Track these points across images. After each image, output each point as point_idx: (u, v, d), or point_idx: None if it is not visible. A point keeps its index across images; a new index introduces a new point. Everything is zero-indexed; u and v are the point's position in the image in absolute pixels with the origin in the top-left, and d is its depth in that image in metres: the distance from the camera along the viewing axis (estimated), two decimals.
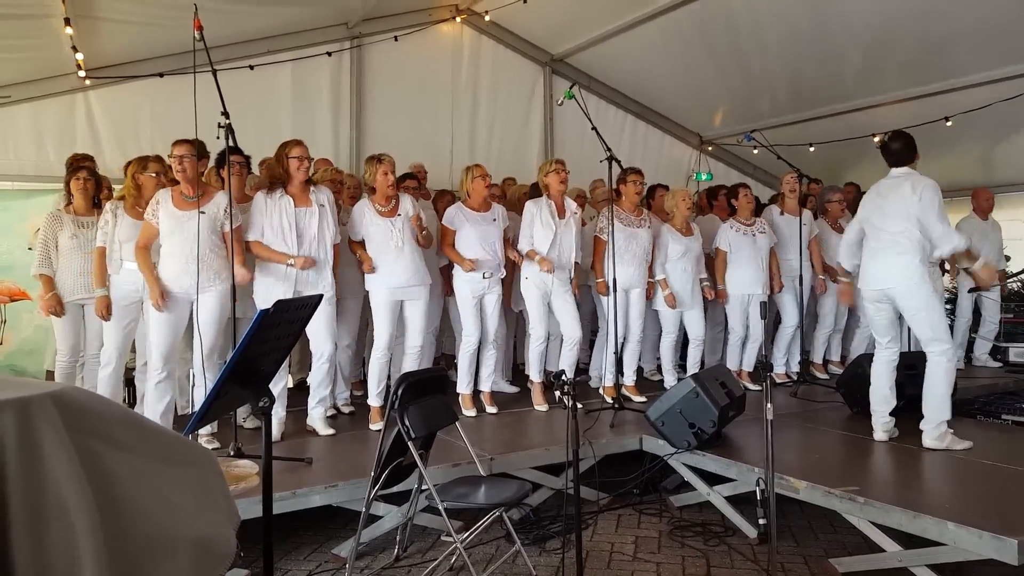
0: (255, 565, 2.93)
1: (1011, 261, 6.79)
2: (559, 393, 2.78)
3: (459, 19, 7.26)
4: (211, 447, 3.85)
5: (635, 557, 3.33)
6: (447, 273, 5.03)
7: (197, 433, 3.76)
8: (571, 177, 4.91)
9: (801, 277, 5.56)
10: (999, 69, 6.00)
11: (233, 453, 3.60)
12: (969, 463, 3.54)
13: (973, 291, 6.33)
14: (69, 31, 4.94)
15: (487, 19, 7.34)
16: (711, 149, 8.95)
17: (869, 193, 4.07)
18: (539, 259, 4.63)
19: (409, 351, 4.42)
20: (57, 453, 0.97)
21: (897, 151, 3.90)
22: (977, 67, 6.07)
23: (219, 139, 3.72)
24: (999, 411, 5.01)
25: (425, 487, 3.03)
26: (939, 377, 3.68)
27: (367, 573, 3.24)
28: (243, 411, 4.36)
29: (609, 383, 4.94)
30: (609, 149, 4.70)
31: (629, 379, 5.15)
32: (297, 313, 2.19)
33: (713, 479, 3.72)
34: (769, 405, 2.81)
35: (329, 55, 6.68)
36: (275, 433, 3.94)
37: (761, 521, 3.27)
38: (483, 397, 4.80)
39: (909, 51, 6.18)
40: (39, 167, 5.67)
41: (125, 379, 4.42)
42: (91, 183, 4.39)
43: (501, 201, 5.17)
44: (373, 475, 2.96)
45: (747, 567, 3.22)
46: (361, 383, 5.12)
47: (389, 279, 4.28)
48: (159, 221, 3.82)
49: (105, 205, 4.24)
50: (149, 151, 4.55)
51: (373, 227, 4.28)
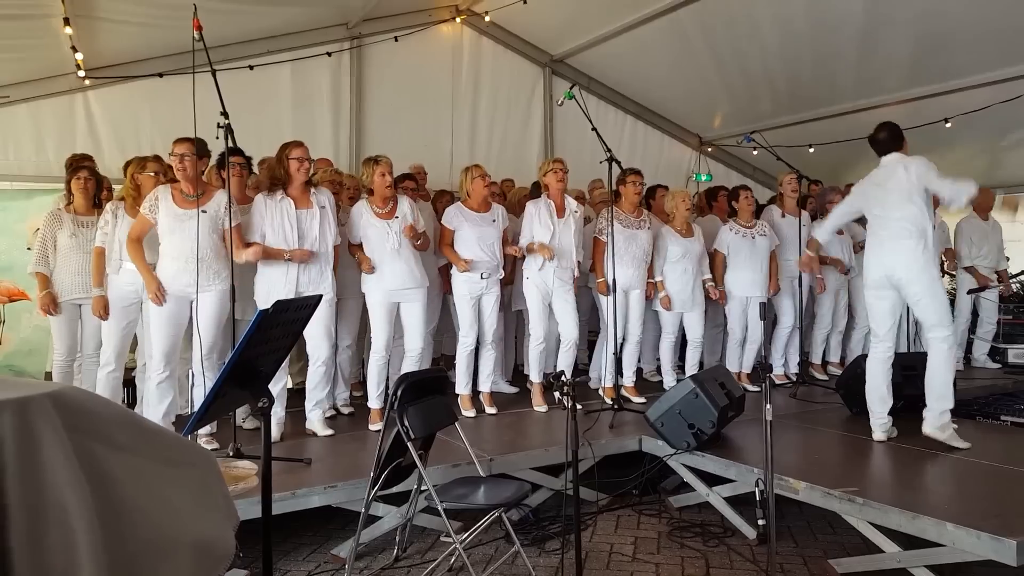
0: (254, 565, 2.93)
1: (1010, 262, 6.79)
2: (558, 394, 2.78)
3: (459, 20, 7.26)
4: (210, 447, 3.85)
5: (634, 558, 3.33)
6: (446, 272, 5.03)
7: (196, 433, 3.76)
8: (571, 178, 4.91)
9: (800, 278, 5.56)
10: (999, 70, 5.99)
11: (232, 454, 3.60)
12: (968, 464, 3.54)
13: (972, 292, 6.33)
14: (68, 31, 4.94)
15: (487, 20, 7.34)
16: (711, 150, 8.95)
17: (864, 184, 4.07)
18: (538, 245, 4.62)
19: (409, 354, 4.40)
20: (56, 454, 0.97)
21: (884, 140, 3.98)
22: (977, 68, 6.07)
23: (218, 139, 3.72)
24: (998, 412, 5.01)
25: (424, 488, 3.04)
26: (941, 364, 3.70)
27: (366, 574, 3.23)
28: (242, 411, 4.36)
29: (608, 384, 4.93)
30: (609, 150, 4.69)
31: (628, 380, 5.14)
32: (296, 313, 2.19)
33: (712, 480, 3.72)
34: (768, 406, 2.81)
35: (329, 55, 6.68)
36: (274, 434, 3.95)
37: (760, 522, 3.27)
38: (482, 398, 4.80)
39: (909, 52, 6.18)
40: (38, 167, 5.68)
41: (125, 380, 4.42)
42: (92, 183, 4.40)
43: (501, 202, 5.16)
44: (372, 476, 2.96)
45: (746, 568, 3.22)
46: (360, 384, 5.12)
47: (385, 281, 4.27)
48: (157, 218, 3.82)
49: (106, 205, 4.24)
50: (148, 151, 4.55)
51: (370, 228, 4.28)
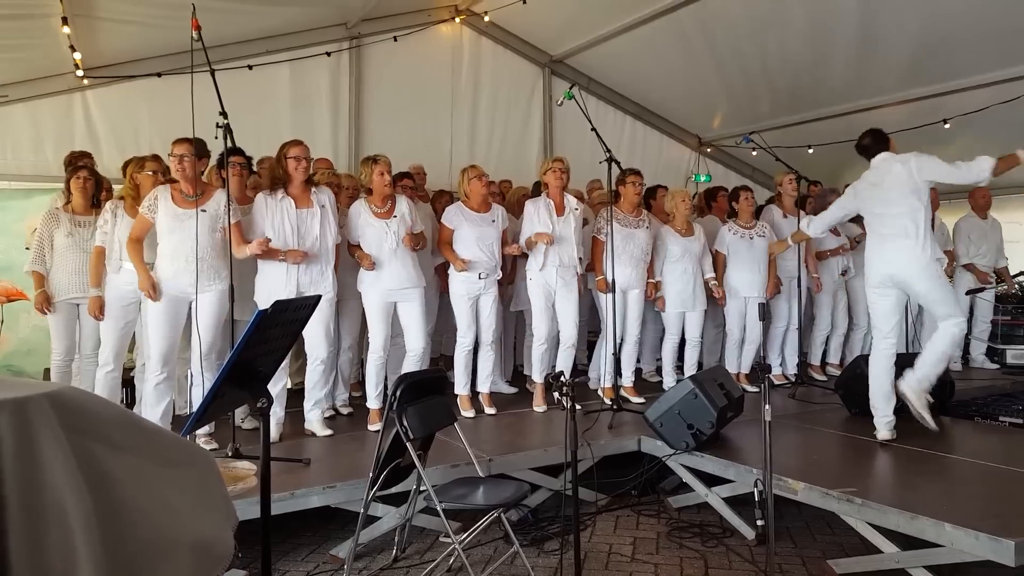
0: (253, 566, 2.93)
1: (1008, 262, 6.78)
2: (557, 394, 2.78)
3: (458, 20, 7.26)
4: (209, 448, 3.85)
5: (633, 558, 3.33)
6: (443, 272, 5.02)
7: (195, 434, 3.76)
8: (570, 178, 4.90)
9: (799, 279, 5.56)
10: (997, 71, 6.00)
11: (231, 454, 3.60)
12: (966, 465, 3.55)
13: (971, 292, 6.34)
14: (67, 30, 4.93)
15: (486, 20, 7.34)
16: (710, 151, 8.96)
17: (859, 185, 4.05)
18: (535, 234, 4.61)
19: (411, 354, 4.37)
20: (54, 454, 0.96)
21: (871, 145, 4.01)
22: (975, 69, 6.07)
23: (217, 139, 3.72)
24: (996, 413, 5.01)
25: (423, 488, 3.03)
26: (948, 339, 3.74)
27: (365, 574, 3.23)
28: (241, 412, 4.36)
29: (608, 384, 4.93)
30: (608, 150, 4.69)
31: (628, 380, 5.15)
32: (296, 313, 2.18)
33: (711, 480, 3.72)
34: (767, 406, 2.81)
35: (328, 55, 6.68)
36: (273, 434, 3.94)
37: (759, 522, 3.26)
38: (481, 398, 4.79)
39: (907, 53, 6.19)
40: (37, 167, 5.67)
41: (124, 379, 4.41)
42: (91, 183, 4.40)
43: (500, 202, 5.16)
44: (371, 476, 2.96)
45: (745, 568, 3.22)
46: (359, 384, 5.11)
47: (382, 281, 4.26)
48: (156, 217, 3.82)
49: (105, 205, 4.23)
50: (147, 151, 4.54)
51: (369, 228, 4.27)
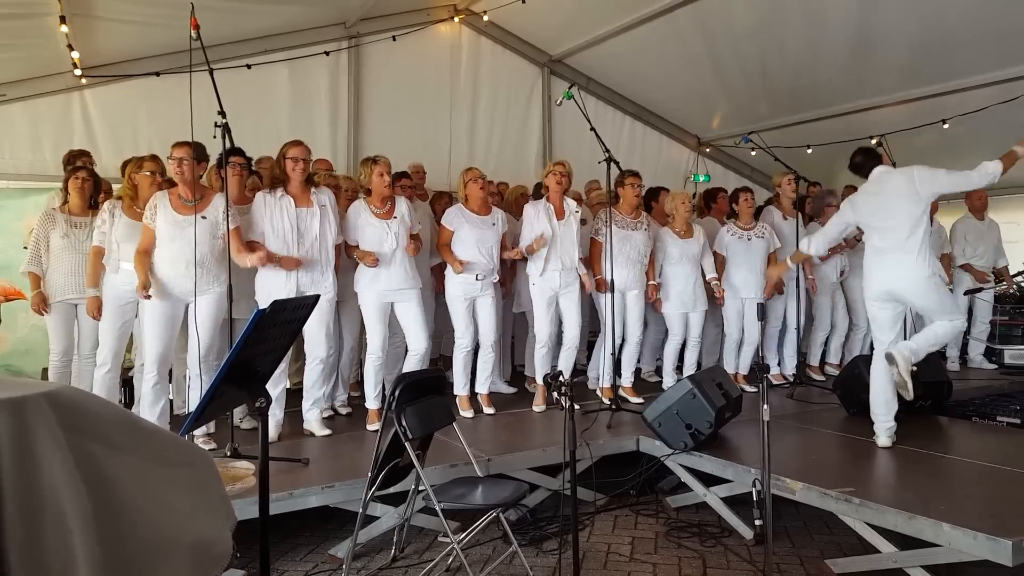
0: (252, 566, 2.93)
1: (1008, 262, 6.78)
2: (556, 394, 2.78)
3: (457, 19, 7.25)
4: (207, 448, 3.85)
5: (632, 558, 3.33)
6: (439, 272, 5.01)
7: (193, 434, 3.75)
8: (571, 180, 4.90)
9: (798, 279, 5.56)
10: (997, 71, 5.99)
11: (230, 454, 3.60)
12: (964, 464, 3.55)
13: (969, 293, 6.34)
14: (65, 29, 4.92)
15: (485, 19, 7.33)
16: (709, 151, 8.96)
17: (856, 197, 4.03)
18: (535, 239, 4.60)
19: (412, 353, 4.36)
20: (52, 454, 0.96)
21: (863, 162, 4.00)
22: (975, 69, 6.07)
23: (216, 138, 3.71)
24: (994, 413, 5.01)
25: (422, 488, 3.03)
26: (946, 329, 3.79)
27: (364, 574, 3.23)
28: (240, 412, 4.35)
29: (607, 384, 4.93)
30: (608, 150, 4.69)
31: (627, 380, 5.15)
32: (294, 313, 2.18)
33: (709, 480, 3.72)
34: (765, 406, 2.81)
35: (327, 55, 6.67)
36: (272, 434, 3.94)
37: (757, 522, 3.26)
38: (480, 399, 4.79)
39: (906, 53, 6.19)
40: (34, 166, 5.66)
41: (122, 379, 4.40)
42: (89, 184, 4.38)
43: (498, 201, 5.15)
44: (370, 476, 2.96)
45: (743, 568, 3.22)
46: (358, 384, 5.11)
47: (380, 282, 4.25)
48: (157, 225, 3.81)
49: (103, 205, 4.22)
50: (145, 150, 4.54)
51: (368, 228, 4.26)
